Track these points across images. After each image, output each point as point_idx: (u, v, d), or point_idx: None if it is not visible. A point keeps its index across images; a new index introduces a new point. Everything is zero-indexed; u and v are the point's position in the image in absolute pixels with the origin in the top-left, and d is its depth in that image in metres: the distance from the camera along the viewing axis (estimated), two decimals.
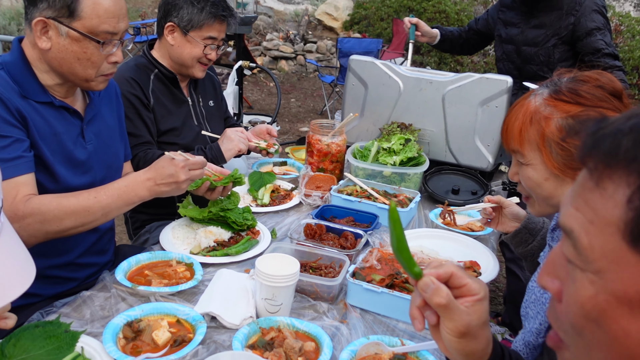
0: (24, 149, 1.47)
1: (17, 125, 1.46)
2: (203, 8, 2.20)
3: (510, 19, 2.72)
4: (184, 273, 1.58)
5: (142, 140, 2.19)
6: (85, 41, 1.49)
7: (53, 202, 1.47)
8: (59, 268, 1.66)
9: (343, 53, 7.40)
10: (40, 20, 1.47)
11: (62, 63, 1.52)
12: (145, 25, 9.70)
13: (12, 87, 1.49)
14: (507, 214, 1.75)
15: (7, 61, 1.54)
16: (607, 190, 0.58)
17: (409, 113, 2.54)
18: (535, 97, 1.31)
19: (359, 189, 2.21)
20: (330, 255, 1.67)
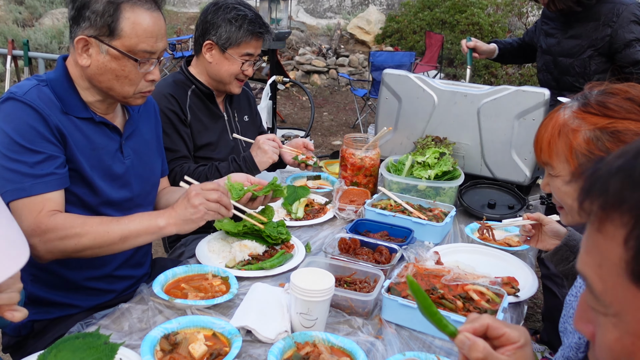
0: (57, 166, 1.51)
1: (54, 141, 1.51)
2: (241, 26, 2.24)
3: (550, 30, 2.69)
4: (220, 286, 1.60)
5: (179, 155, 2.24)
6: (124, 59, 1.53)
7: (78, 219, 1.51)
8: (96, 280, 1.70)
9: (375, 66, 7.40)
10: (81, 38, 1.52)
11: (101, 80, 1.56)
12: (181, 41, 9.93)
13: (54, 104, 1.54)
14: (547, 231, 1.70)
15: (51, 78, 1.59)
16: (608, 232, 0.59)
17: (444, 126, 2.52)
18: (565, 110, 1.33)
19: (393, 203, 2.20)
20: (365, 269, 1.66)
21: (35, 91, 1.53)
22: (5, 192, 1.46)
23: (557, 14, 2.64)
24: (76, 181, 1.58)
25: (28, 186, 1.46)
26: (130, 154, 1.73)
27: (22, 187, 1.46)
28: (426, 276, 1.63)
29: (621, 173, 0.60)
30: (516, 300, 1.65)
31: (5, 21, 10.88)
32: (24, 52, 5.13)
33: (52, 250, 1.48)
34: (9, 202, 1.47)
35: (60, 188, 1.52)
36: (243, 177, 1.90)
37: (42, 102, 1.51)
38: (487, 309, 1.48)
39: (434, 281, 1.60)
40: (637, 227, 0.57)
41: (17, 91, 1.51)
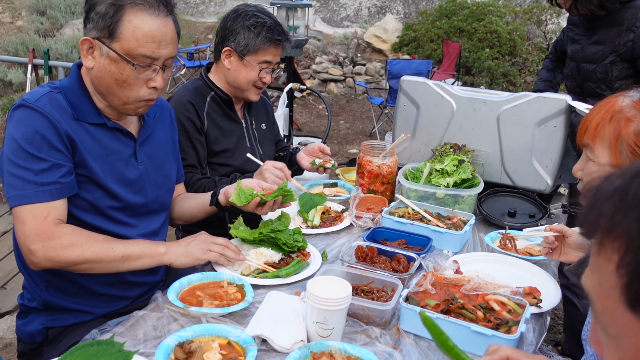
0: (62, 175, 1.50)
1: (62, 149, 1.51)
2: (259, 33, 2.23)
3: (575, 36, 2.65)
4: (235, 294, 1.57)
5: (187, 164, 2.23)
6: (122, 63, 1.52)
7: (84, 232, 1.53)
8: (110, 286, 1.69)
9: (392, 75, 7.38)
10: (85, 39, 1.52)
11: (101, 82, 1.56)
12: (198, 50, 10.00)
13: (66, 110, 1.54)
14: (571, 243, 1.66)
15: (64, 85, 1.60)
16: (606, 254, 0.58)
17: (462, 134, 2.48)
18: (624, 98, 1.31)
19: (411, 211, 2.17)
20: (383, 278, 1.63)
21: (47, 98, 1.53)
22: (10, 198, 1.49)
23: (582, 20, 2.59)
24: (89, 186, 1.58)
25: (31, 193, 1.47)
26: (145, 160, 1.72)
27: (25, 194, 1.47)
28: (445, 285, 1.59)
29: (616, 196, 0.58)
30: (538, 311, 1.61)
31: (27, 31, 11.07)
32: (45, 61, 5.20)
33: (52, 258, 1.48)
34: (13, 207, 1.49)
35: (63, 197, 1.52)
36: (254, 182, 1.88)
37: (54, 109, 1.51)
38: (509, 320, 1.44)
39: (454, 290, 1.57)
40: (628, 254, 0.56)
41: (29, 98, 1.51)
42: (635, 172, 0.60)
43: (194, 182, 2.22)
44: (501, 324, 1.43)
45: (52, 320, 1.66)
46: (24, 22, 11.83)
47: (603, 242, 0.59)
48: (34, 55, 5.19)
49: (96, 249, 1.51)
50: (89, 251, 1.50)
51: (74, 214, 1.57)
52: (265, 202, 1.81)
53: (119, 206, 1.63)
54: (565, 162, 2.41)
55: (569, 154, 2.45)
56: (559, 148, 2.32)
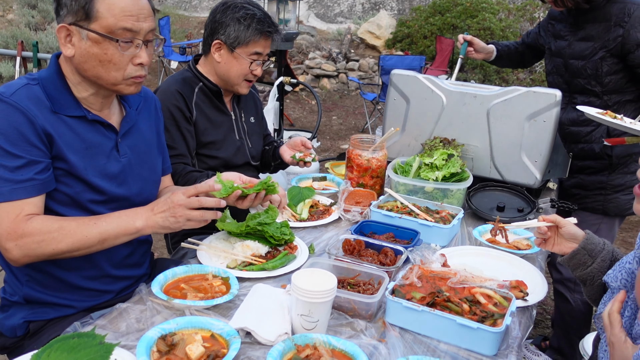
0: (38, 171, 1.47)
1: (38, 145, 1.47)
2: (249, 25, 2.22)
3: (559, 32, 2.63)
4: (220, 287, 1.56)
5: (176, 153, 2.21)
6: (105, 42, 1.48)
7: (55, 224, 1.47)
8: (92, 280, 1.67)
9: (385, 70, 7.37)
10: (62, 27, 1.49)
11: (86, 68, 1.52)
12: (191, 45, 9.96)
13: (44, 103, 1.50)
14: (564, 234, 1.63)
15: (43, 76, 1.56)
16: None
17: (452, 128, 2.47)
18: None
19: (400, 204, 2.16)
20: (369, 271, 1.62)
21: (24, 91, 1.49)
22: None
23: (566, 15, 2.58)
24: (69, 180, 1.54)
25: (7, 191, 1.43)
26: (127, 152, 1.69)
27: (0, 192, 1.44)
28: (432, 278, 1.58)
29: None
30: (525, 304, 1.60)
31: (18, 25, 10.97)
32: (34, 53, 5.14)
33: (28, 254, 1.46)
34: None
35: (40, 194, 1.48)
36: (235, 175, 1.85)
37: (30, 102, 1.47)
38: (494, 313, 1.43)
39: (440, 284, 1.56)
40: None
41: (4, 91, 1.47)
42: None
43: (185, 174, 2.19)
44: (487, 317, 1.42)
45: (33, 314, 1.64)
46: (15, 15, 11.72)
47: None
48: (22, 48, 5.14)
49: (70, 240, 1.47)
50: (63, 243, 1.47)
51: (53, 209, 1.53)
52: (247, 195, 1.78)
53: (100, 200, 1.60)
54: (554, 156, 2.40)
55: (558, 149, 2.45)
56: (548, 143, 2.31)
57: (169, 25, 9.85)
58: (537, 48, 2.93)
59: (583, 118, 2.44)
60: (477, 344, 1.38)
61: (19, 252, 1.45)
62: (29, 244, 1.45)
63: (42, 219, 1.47)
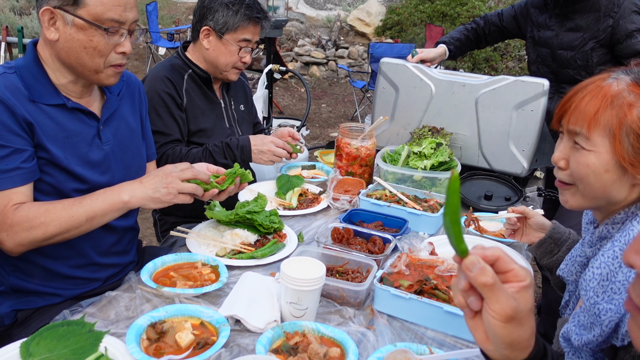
0: (23, 160, 1.46)
1: (21, 133, 1.46)
2: (238, 11, 2.22)
3: (543, 22, 2.63)
4: (209, 275, 1.57)
5: (172, 139, 2.20)
6: (91, 29, 1.47)
7: (41, 208, 1.46)
8: (78, 268, 1.66)
9: (375, 58, 7.36)
10: (46, 9, 1.47)
11: (69, 53, 1.51)
12: (179, 31, 9.86)
13: (22, 92, 1.49)
14: (532, 224, 1.68)
15: (20, 65, 1.54)
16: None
17: (441, 117, 2.49)
18: (618, 82, 1.18)
19: (389, 193, 2.17)
20: (358, 259, 1.63)
21: (1, 80, 1.47)
22: None
23: (551, 5, 2.59)
24: (51, 170, 1.53)
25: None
26: (110, 139, 1.67)
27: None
28: (419, 266, 1.60)
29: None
30: None
31: (2, 9, 10.79)
32: (19, 39, 5.08)
33: (21, 242, 1.45)
34: None
35: (27, 182, 1.48)
36: (203, 166, 1.79)
37: (8, 91, 1.46)
38: None
39: (428, 272, 1.57)
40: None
41: None
42: None
43: (185, 154, 2.18)
44: None
45: (21, 303, 1.63)
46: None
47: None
48: (7, 33, 5.06)
49: (58, 223, 1.46)
50: (52, 227, 1.46)
51: (37, 199, 1.52)
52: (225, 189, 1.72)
53: (84, 188, 1.58)
54: (541, 145, 2.43)
55: (545, 138, 2.47)
56: (536, 132, 2.33)
57: (156, 10, 9.74)
58: (511, 32, 2.90)
59: None
60: (464, 331, 1.40)
61: (12, 242, 1.45)
62: (19, 232, 1.44)
63: (27, 206, 1.46)
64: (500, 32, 2.93)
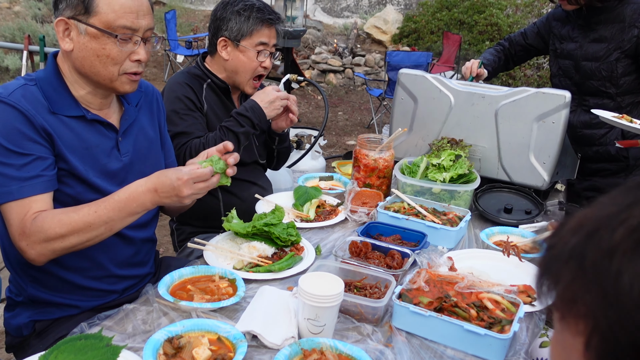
0: (44, 168, 1.46)
1: (42, 142, 1.46)
2: (250, 16, 2.25)
3: (567, 33, 2.60)
4: (227, 289, 1.56)
5: (194, 137, 2.20)
6: (103, 37, 1.47)
7: (54, 219, 1.44)
8: (96, 280, 1.66)
9: (392, 66, 7.34)
10: (60, 20, 1.49)
11: (83, 63, 1.51)
12: (197, 39, 9.94)
13: (42, 103, 1.50)
14: None
15: (40, 77, 1.55)
16: (571, 333, 0.50)
17: (460, 128, 2.46)
18: None
19: (407, 206, 2.15)
20: (376, 274, 1.61)
21: (20, 91, 1.48)
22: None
23: (574, 17, 2.55)
24: (70, 180, 1.53)
25: (15, 189, 1.43)
26: (129, 150, 1.68)
27: (9, 190, 1.43)
28: (439, 283, 1.57)
29: (572, 260, 0.49)
30: (532, 309, 1.59)
31: (25, 17, 10.98)
32: (40, 47, 5.14)
33: (41, 252, 1.45)
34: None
35: (48, 191, 1.47)
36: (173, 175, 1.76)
37: (28, 103, 1.46)
38: (502, 319, 1.42)
39: (447, 288, 1.55)
40: (594, 338, 0.47)
41: (2, 92, 1.47)
42: (590, 230, 0.49)
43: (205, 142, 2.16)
44: (494, 322, 1.41)
45: (39, 314, 1.64)
46: (21, 7, 11.72)
47: (565, 318, 0.50)
48: (29, 42, 5.14)
49: (75, 234, 1.44)
50: (71, 238, 1.44)
51: None
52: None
53: None
54: (562, 158, 2.39)
55: (566, 150, 2.43)
56: (557, 144, 2.29)
57: (175, 19, 9.84)
58: (538, 49, 2.87)
59: (596, 121, 2.43)
60: (484, 350, 1.37)
61: (33, 252, 1.44)
62: (37, 242, 1.43)
63: (45, 214, 1.44)
64: (525, 50, 2.90)
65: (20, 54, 8.29)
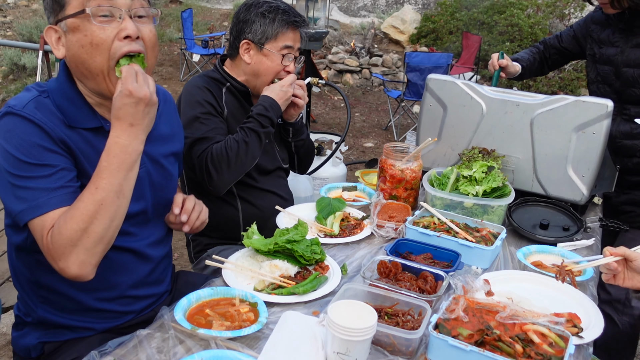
0: (70, 179, 1.35)
1: (63, 153, 1.36)
2: (275, 18, 2.15)
3: (606, 38, 2.45)
4: (248, 314, 1.44)
5: (215, 141, 2.09)
6: (82, 23, 1.34)
7: (65, 221, 1.29)
8: (109, 301, 1.55)
9: (411, 67, 7.18)
10: (48, 29, 1.39)
11: (76, 63, 1.39)
12: (213, 38, 9.87)
13: (57, 116, 1.39)
14: (636, 268, 1.48)
15: (52, 88, 1.43)
16: None
17: (492, 138, 2.32)
18: None
19: (437, 221, 2.01)
20: (409, 300, 1.48)
21: (33, 104, 1.37)
22: (20, 213, 1.32)
23: (615, 21, 2.40)
24: None
25: (43, 202, 1.31)
26: (146, 161, 1.55)
27: (38, 204, 1.31)
28: (478, 311, 1.44)
29: None
30: (580, 341, 1.46)
31: (42, 15, 10.97)
32: None
33: (79, 260, 1.29)
34: (27, 222, 1.32)
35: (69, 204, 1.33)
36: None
37: (43, 115, 1.36)
38: (551, 355, 1.29)
39: (488, 318, 1.42)
40: None
41: (15, 104, 1.36)
42: None
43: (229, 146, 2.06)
44: (543, 359, 1.28)
45: (48, 335, 1.53)
46: (39, 5, 11.73)
47: None
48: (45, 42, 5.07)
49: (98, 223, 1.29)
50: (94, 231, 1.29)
51: None
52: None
53: None
54: (601, 171, 2.24)
55: (605, 162, 2.29)
56: (598, 156, 2.15)
57: (191, 17, 9.77)
58: (573, 53, 2.74)
59: (637, 131, 2.28)
60: None
61: (74, 267, 1.30)
62: (68, 254, 1.29)
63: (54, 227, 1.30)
64: (561, 54, 2.75)
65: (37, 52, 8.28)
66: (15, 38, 10.23)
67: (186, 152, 2.12)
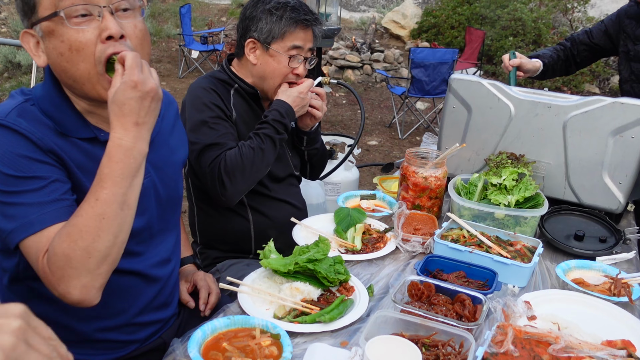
0: (64, 192, 1.20)
1: (53, 163, 1.20)
2: (282, 15, 1.97)
3: None
4: (270, 349, 1.28)
5: (227, 148, 1.94)
6: (57, 27, 1.18)
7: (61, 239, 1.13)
8: (110, 331, 1.40)
9: (415, 63, 7.01)
10: (24, 33, 1.24)
11: (58, 69, 1.23)
12: (212, 34, 9.69)
13: (45, 124, 1.23)
14: None
15: (38, 95, 1.27)
16: None
17: (521, 142, 2.17)
18: None
19: (467, 233, 1.86)
20: (447, 329, 1.33)
21: (16, 113, 1.20)
22: (12, 232, 1.16)
23: None
24: None
25: (35, 218, 1.15)
26: (150, 171, 1.39)
27: (29, 221, 1.15)
28: (527, 343, 1.30)
29: None
30: None
31: None
32: None
33: (80, 284, 1.13)
34: (18, 243, 1.16)
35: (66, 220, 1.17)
36: None
37: (29, 124, 1.20)
38: None
39: (539, 350, 1.27)
40: None
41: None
42: None
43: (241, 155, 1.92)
44: None
45: None
46: None
47: None
48: None
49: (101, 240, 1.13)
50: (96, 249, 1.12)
51: None
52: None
53: None
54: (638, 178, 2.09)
55: None
56: (636, 162, 2.01)
57: (190, 13, 9.58)
58: (605, 49, 2.59)
59: None
60: None
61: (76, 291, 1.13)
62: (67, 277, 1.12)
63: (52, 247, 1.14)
64: (591, 50, 2.60)
65: None
66: (10, 35, 10.03)
67: (194, 160, 1.97)
